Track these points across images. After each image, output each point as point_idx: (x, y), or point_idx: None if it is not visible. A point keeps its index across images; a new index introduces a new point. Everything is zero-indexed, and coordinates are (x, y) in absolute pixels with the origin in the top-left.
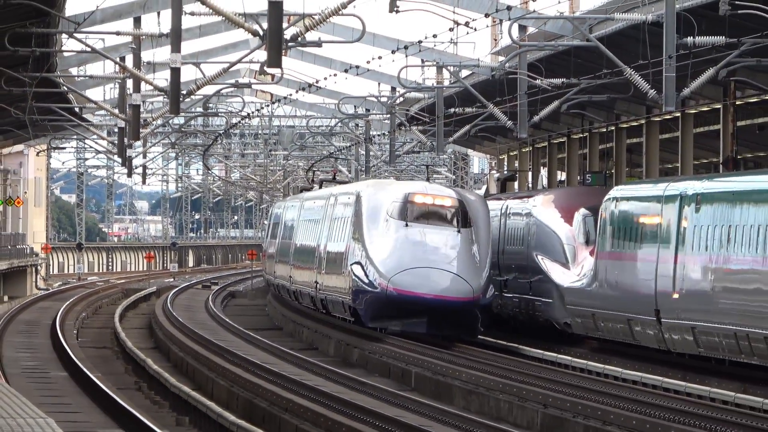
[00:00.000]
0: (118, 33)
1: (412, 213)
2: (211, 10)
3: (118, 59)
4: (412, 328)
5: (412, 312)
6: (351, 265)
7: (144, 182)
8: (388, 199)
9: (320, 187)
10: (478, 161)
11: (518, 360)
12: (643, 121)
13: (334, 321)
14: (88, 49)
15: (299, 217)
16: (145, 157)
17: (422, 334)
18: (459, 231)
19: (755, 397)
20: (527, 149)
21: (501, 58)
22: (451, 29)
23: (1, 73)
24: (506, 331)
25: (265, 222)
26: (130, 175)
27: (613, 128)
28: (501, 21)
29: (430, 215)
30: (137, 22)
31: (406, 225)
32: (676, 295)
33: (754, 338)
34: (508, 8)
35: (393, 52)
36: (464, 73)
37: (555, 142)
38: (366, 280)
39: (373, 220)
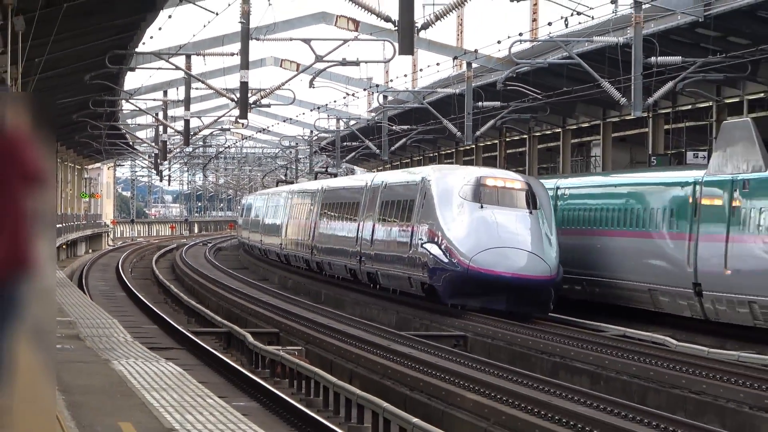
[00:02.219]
0: (156, 104)
1: (485, 195)
2: (207, 87)
3: (154, 114)
4: (491, 305)
5: (492, 290)
6: (424, 244)
7: (169, 184)
8: (459, 183)
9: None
10: (360, 172)
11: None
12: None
13: (280, 264)
14: (137, 109)
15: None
16: (169, 170)
17: (499, 310)
18: (531, 212)
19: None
20: (388, 166)
21: (373, 114)
22: (344, 96)
23: (87, 122)
24: None
25: (239, 207)
26: (161, 180)
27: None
28: (373, 93)
29: (503, 197)
30: (165, 93)
31: (481, 207)
32: None
33: None
34: (377, 85)
35: (311, 110)
36: (352, 122)
37: (405, 161)
38: (445, 259)
39: (445, 202)
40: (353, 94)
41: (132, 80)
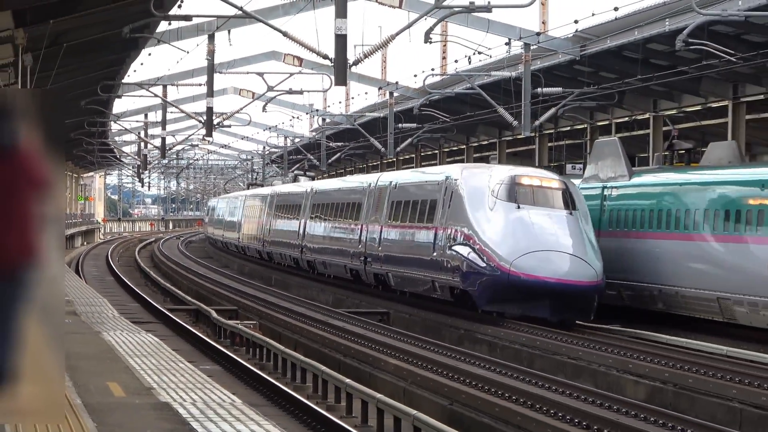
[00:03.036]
0: (138, 125)
1: (521, 195)
2: (180, 111)
3: (137, 133)
4: (532, 313)
5: (534, 296)
6: (452, 247)
7: (149, 189)
8: (491, 181)
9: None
10: (304, 180)
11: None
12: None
13: (238, 254)
14: (123, 128)
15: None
16: (149, 177)
17: (542, 318)
18: (570, 213)
19: None
20: (326, 176)
21: (313, 133)
22: (290, 119)
23: (82, 139)
24: None
25: (205, 208)
26: (142, 186)
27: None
28: (314, 116)
29: (540, 197)
30: (146, 116)
31: (518, 207)
32: None
33: None
34: (317, 110)
35: (264, 130)
36: (297, 139)
37: (340, 171)
38: (481, 263)
39: (477, 203)
40: (298, 117)
41: (119, 105)
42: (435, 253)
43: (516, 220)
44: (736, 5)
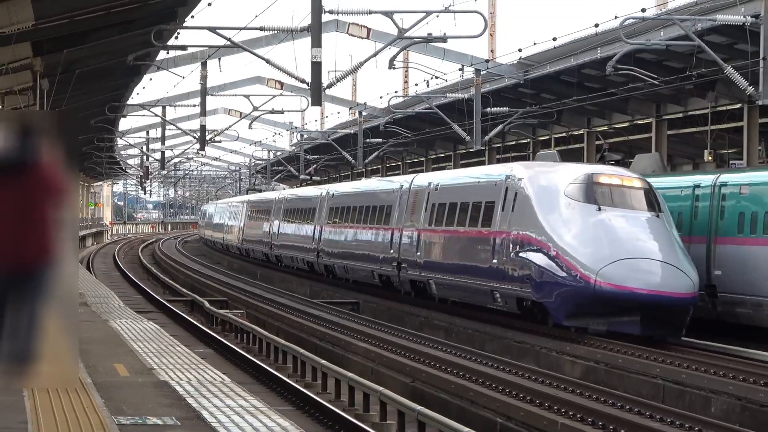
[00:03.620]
0: (141, 140)
1: (600, 195)
2: (177, 128)
3: (140, 147)
4: (619, 328)
5: (623, 310)
6: (520, 253)
7: (150, 196)
8: (563, 181)
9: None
10: (281, 187)
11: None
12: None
13: (227, 253)
14: (128, 144)
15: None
16: (150, 186)
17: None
18: (657, 215)
19: None
20: (304, 185)
21: (293, 147)
22: (273, 135)
23: (92, 153)
24: None
25: (199, 212)
26: (145, 193)
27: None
28: (293, 132)
29: (622, 198)
30: (147, 132)
31: (599, 209)
32: None
33: None
34: (296, 127)
35: (250, 144)
36: (279, 153)
37: (316, 179)
38: (560, 273)
39: (548, 204)
40: (279, 133)
41: (124, 124)
42: (495, 260)
43: (598, 224)
44: (658, 36)
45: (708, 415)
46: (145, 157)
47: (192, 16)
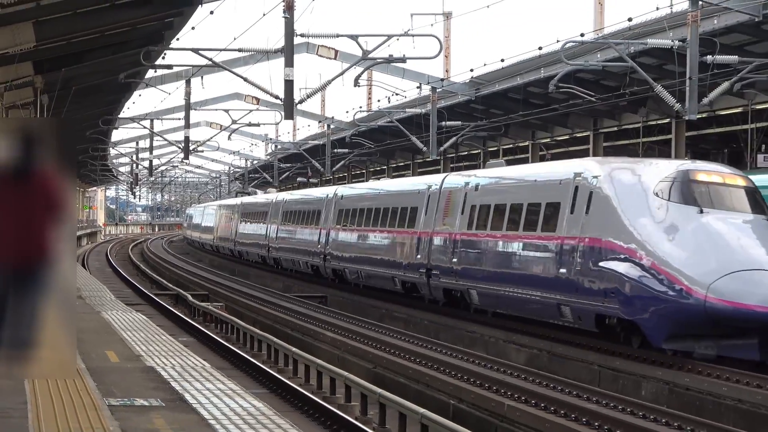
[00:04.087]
0: (131, 150)
1: (700, 195)
2: (164, 140)
3: (130, 157)
4: (734, 353)
5: (736, 331)
6: (604, 263)
7: (139, 200)
8: (652, 178)
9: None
10: (259, 193)
11: None
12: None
13: (209, 251)
14: (119, 153)
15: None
16: (139, 191)
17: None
18: (766, 218)
19: None
20: (279, 190)
21: (269, 156)
22: (251, 145)
23: (87, 162)
24: None
25: (184, 215)
26: (134, 197)
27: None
28: (269, 143)
29: (724, 198)
30: (137, 143)
31: (700, 211)
32: None
33: None
34: (271, 138)
35: (229, 154)
36: (255, 161)
37: (289, 186)
38: (659, 287)
39: (635, 206)
40: (255, 144)
41: (116, 135)
42: (564, 270)
43: (700, 229)
44: (595, 57)
45: (639, 398)
46: (134, 165)
47: (177, 39)
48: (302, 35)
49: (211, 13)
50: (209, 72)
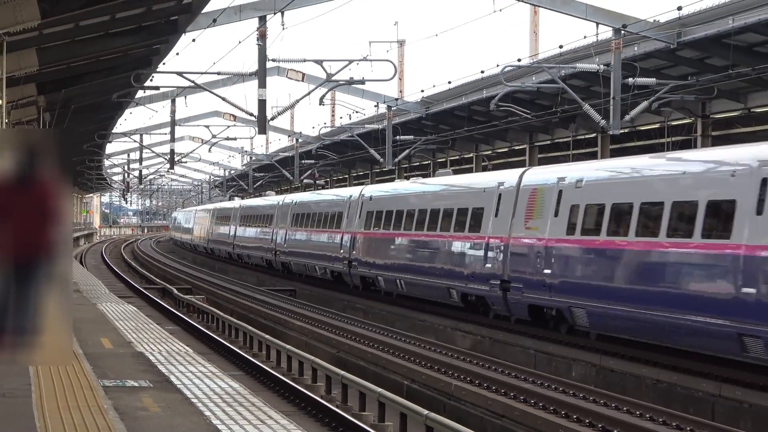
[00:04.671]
0: (123, 161)
1: None
2: (152, 152)
3: (123, 167)
4: None
5: None
6: None
7: (130, 205)
8: None
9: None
10: (236, 198)
11: None
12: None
13: (192, 250)
14: (113, 164)
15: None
16: (131, 197)
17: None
18: None
19: None
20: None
21: (244, 167)
22: (228, 157)
23: (85, 171)
24: None
25: (170, 218)
26: (126, 203)
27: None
28: (244, 155)
29: None
30: (128, 155)
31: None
32: None
33: None
34: (246, 151)
35: (210, 164)
36: (233, 171)
37: (262, 193)
38: None
39: None
40: (233, 156)
41: (110, 148)
42: (751, 290)
43: None
44: (531, 80)
45: (570, 378)
46: (126, 174)
47: (164, 63)
48: (273, 60)
49: (194, 40)
50: (192, 92)
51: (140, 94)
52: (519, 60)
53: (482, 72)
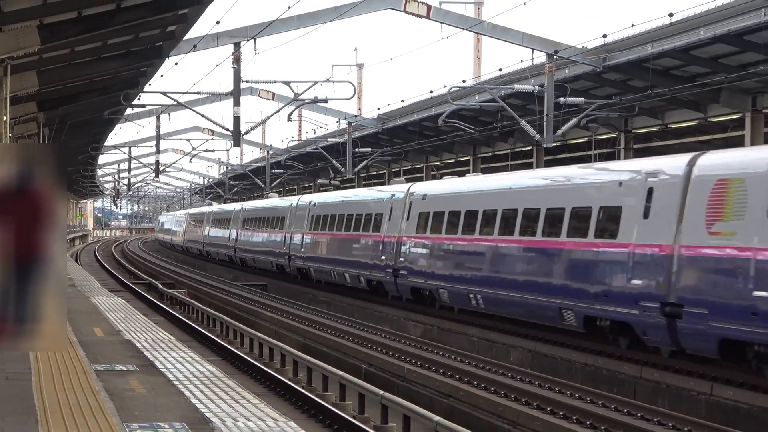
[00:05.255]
0: (114, 171)
1: None
2: (139, 162)
3: (113, 176)
4: None
5: None
6: None
7: (120, 209)
8: None
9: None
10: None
11: None
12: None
13: (175, 250)
14: (104, 173)
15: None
16: (120, 203)
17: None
18: None
19: None
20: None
21: (221, 175)
22: (207, 167)
23: (79, 179)
24: None
25: (156, 221)
26: (117, 207)
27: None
28: (221, 165)
29: None
30: (118, 165)
31: None
32: None
33: None
34: (223, 162)
35: (191, 174)
36: (211, 179)
37: (236, 199)
38: None
39: None
40: (211, 166)
41: (102, 159)
42: None
43: None
44: (474, 99)
45: (509, 362)
46: (116, 182)
47: (150, 84)
48: (247, 81)
49: (176, 64)
50: (174, 110)
51: (129, 111)
52: (464, 81)
53: (431, 92)
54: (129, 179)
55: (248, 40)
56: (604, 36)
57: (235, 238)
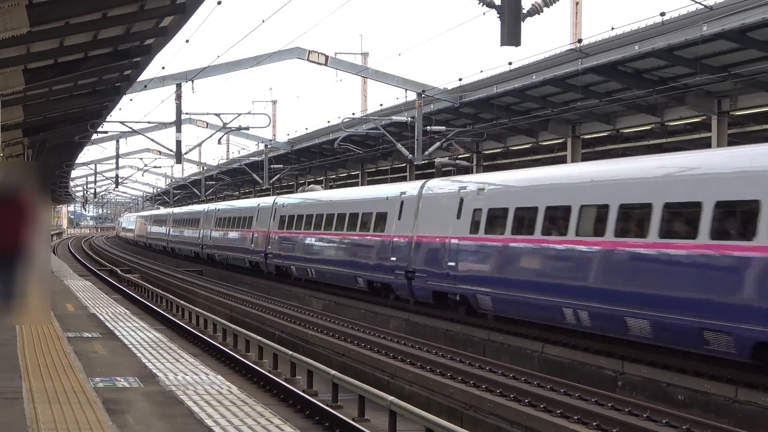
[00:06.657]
0: (83, 182)
1: None
2: (103, 177)
3: (84, 186)
4: None
5: None
6: None
7: (88, 212)
8: None
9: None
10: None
11: None
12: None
13: (132, 242)
14: (75, 184)
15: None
16: (89, 207)
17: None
18: None
19: None
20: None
21: (168, 186)
22: (156, 179)
23: (56, 189)
24: None
25: (116, 221)
26: (86, 210)
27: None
28: (166, 178)
29: None
30: (86, 179)
31: None
32: None
33: None
34: (168, 176)
35: (142, 184)
36: (157, 189)
37: (201, 202)
38: None
39: None
40: (159, 178)
41: (74, 174)
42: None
43: None
44: (362, 127)
45: (388, 328)
46: (85, 190)
47: (111, 115)
48: (186, 113)
49: (131, 99)
50: (130, 135)
51: (95, 136)
52: (353, 114)
53: (329, 122)
54: (95, 189)
55: (187, 81)
56: (460, 79)
57: (208, 236)
